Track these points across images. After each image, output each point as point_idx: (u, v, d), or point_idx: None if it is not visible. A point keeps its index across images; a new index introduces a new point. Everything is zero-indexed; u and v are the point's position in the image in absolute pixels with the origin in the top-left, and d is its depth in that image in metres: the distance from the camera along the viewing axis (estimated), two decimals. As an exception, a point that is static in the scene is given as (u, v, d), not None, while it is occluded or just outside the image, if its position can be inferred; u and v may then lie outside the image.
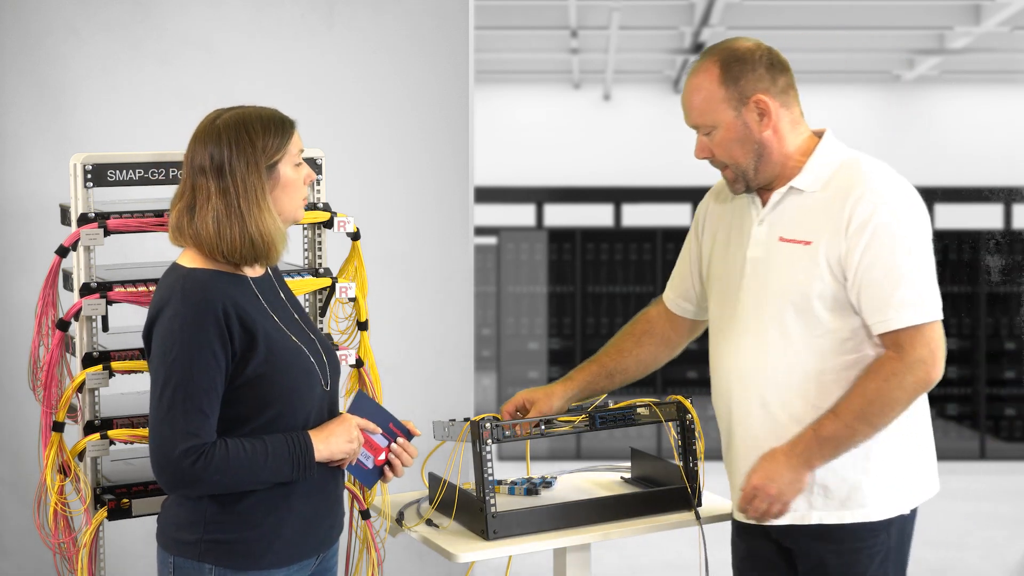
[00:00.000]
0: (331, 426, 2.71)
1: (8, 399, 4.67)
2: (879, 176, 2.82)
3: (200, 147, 2.64)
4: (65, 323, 3.02)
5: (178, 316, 2.55)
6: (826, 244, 2.79)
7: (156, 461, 2.55)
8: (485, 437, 3.00)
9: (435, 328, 5.06)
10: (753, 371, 2.88)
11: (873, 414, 2.74)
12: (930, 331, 2.75)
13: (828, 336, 2.80)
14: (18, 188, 4.73)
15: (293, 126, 2.70)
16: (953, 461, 8.95)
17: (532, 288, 9.63)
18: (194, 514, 2.63)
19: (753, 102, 2.83)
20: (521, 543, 3.00)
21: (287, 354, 2.66)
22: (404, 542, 4.26)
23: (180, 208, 2.67)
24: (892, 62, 13.36)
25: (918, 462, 2.88)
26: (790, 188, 2.87)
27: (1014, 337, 9.32)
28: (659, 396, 3.24)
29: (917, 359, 2.73)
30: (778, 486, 2.78)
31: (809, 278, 2.80)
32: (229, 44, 4.84)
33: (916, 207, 2.82)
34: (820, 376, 2.81)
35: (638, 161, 14.05)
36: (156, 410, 2.55)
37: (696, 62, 2.91)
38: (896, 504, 2.84)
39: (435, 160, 5.04)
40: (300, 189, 2.71)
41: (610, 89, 14.49)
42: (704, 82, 2.85)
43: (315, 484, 2.71)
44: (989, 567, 6.35)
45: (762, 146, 2.85)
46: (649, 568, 6.18)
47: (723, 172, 2.93)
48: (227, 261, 2.65)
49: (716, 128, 2.86)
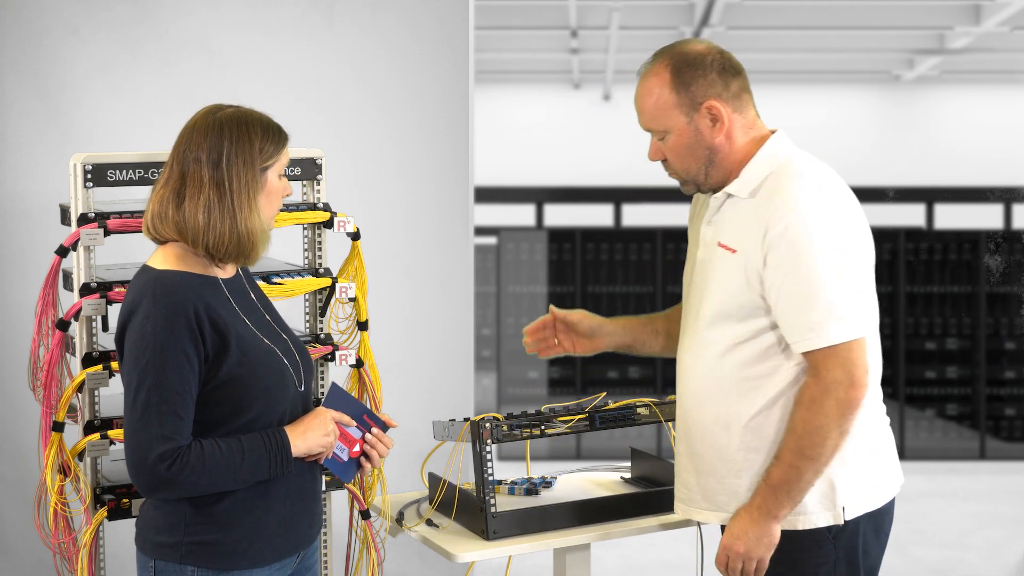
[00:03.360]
0: (306, 420, 2.70)
1: (8, 399, 4.67)
2: (800, 185, 2.74)
3: (199, 137, 2.61)
4: (65, 323, 3.02)
5: (150, 319, 2.52)
6: (747, 255, 2.75)
7: (132, 465, 2.53)
8: (485, 437, 3.01)
9: (435, 328, 5.06)
10: (688, 372, 2.89)
11: (806, 447, 2.69)
12: (846, 351, 2.68)
13: (749, 345, 2.77)
14: (18, 188, 4.73)
15: (287, 138, 2.70)
16: (953, 461, 8.95)
17: (532, 288, 9.62)
18: (173, 517, 2.62)
19: (705, 108, 2.79)
20: (521, 543, 3.00)
21: (259, 356, 2.65)
22: (404, 542, 4.27)
23: (165, 195, 2.63)
24: (892, 62, 13.36)
25: (859, 471, 2.80)
26: (727, 194, 2.85)
27: (1014, 337, 9.32)
28: (659, 396, 3.24)
29: (833, 381, 2.68)
30: (744, 544, 2.76)
31: (735, 287, 2.78)
32: (229, 44, 4.84)
33: (835, 217, 2.73)
34: (741, 383, 2.78)
35: (638, 161, 13.99)
36: (130, 414, 2.53)
37: (647, 64, 2.86)
38: (830, 513, 2.78)
39: (435, 160, 5.04)
40: (279, 200, 2.70)
41: (610, 89, 14.49)
42: (655, 86, 2.82)
43: (293, 482, 2.70)
44: (989, 567, 6.35)
45: (713, 151, 2.82)
46: (649, 568, 6.18)
47: (674, 176, 2.92)
48: (207, 255, 2.62)
49: (668, 133, 2.83)
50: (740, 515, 2.79)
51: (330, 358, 3.30)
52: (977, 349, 9.25)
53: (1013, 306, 9.35)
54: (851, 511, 2.80)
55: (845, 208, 2.77)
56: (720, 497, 2.85)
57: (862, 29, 10.70)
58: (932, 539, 6.60)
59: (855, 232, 2.77)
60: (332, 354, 3.29)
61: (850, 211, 2.77)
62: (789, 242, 2.69)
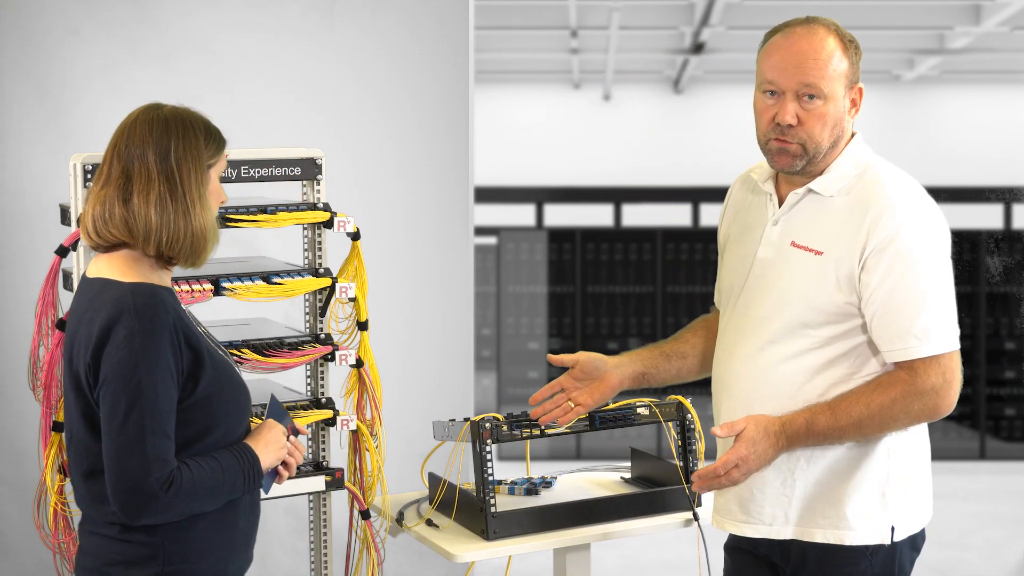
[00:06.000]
0: (263, 435, 2.61)
1: (8, 399, 4.67)
2: (901, 192, 2.69)
3: (142, 133, 2.50)
4: (65, 323, 3.02)
5: (136, 335, 2.39)
6: (838, 258, 2.67)
7: (124, 490, 2.38)
8: (485, 437, 3.00)
9: (435, 328, 5.06)
10: (743, 377, 2.78)
11: (869, 426, 2.65)
12: (947, 360, 2.65)
13: (824, 351, 2.70)
14: (18, 188, 4.73)
15: (226, 142, 2.61)
16: (953, 461, 8.95)
17: (532, 288, 9.62)
18: (144, 548, 2.47)
19: (858, 89, 2.73)
20: (521, 543, 3.00)
21: (226, 370, 2.57)
22: (404, 542, 4.27)
23: (107, 194, 2.49)
24: (892, 62, 13.36)
25: (910, 492, 2.75)
26: (808, 190, 2.74)
27: (1014, 337, 9.32)
28: (659, 396, 3.23)
29: (930, 387, 2.63)
30: (758, 464, 2.67)
31: (816, 290, 2.69)
32: (229, 44, 4.84)
33: (938, 227, 2.70)
34: (808, 391, 2.70)
35: (638, 161, 14.05)
36: (118, 436, 2.38)
37: (804, 26, 2.70)
38: (879, 532, 2.71)
39: (435, 160, 5.04)
40: (219, 202, 2.61)
41: (610, 89, 14.49)
42: (831, 47, 2.68)
43: (253, 498, 2.64)
44: (989, 567, 6.35)
45: (841, 134, 2.73)
46: (649, 568, 6.17)
47: (786, 145, 2.71)
48: (157, 257, 2.50)
49: (824, 99, 2.68)
50: (769, 437, 2.66)
51: (330, 358, 3.30)
52: (977, 349, 9.25)
53: (1013, 306, 9.35)
54: (899, 532, 2.73)
55: (942, 220, 2.73)
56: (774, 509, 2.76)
57: (862, 29, 10.67)
58: (932, 539, 6.56)
59: (949, 245, 2.74)
60: (332, 354, 3.29)
61: (945, 223, 2.73)
62: (896, 250, 2.63)
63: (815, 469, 2.72)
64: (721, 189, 3.56)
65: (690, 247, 9.58)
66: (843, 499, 2.71)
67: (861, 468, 2.71)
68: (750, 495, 2.78)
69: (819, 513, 2.73)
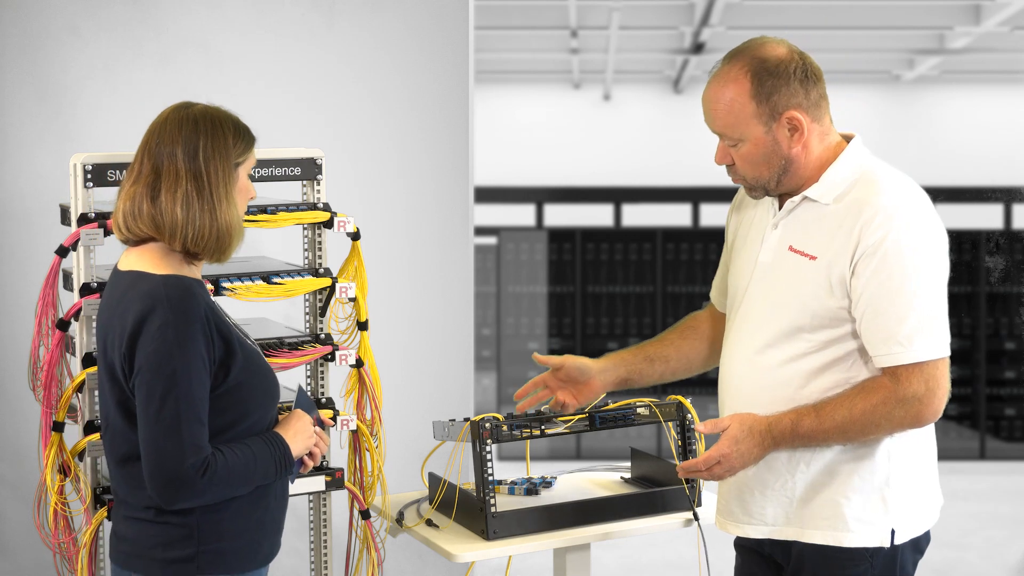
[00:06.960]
0: (292, 424, 2.70)
1: (8, 399, 4.67)
2: (894, 196, 2.66)
3: (172, 131, 2.58)
4: (65, 323, 3.02)
5: (169, 325, 2.48)
6: (831, 262, 2.66)
7: (162, 476, 2.47)
8: (485, 437, 3.00)
9: (435, 328, 5.06)
10: (744, 379, 2.79)
11: (852, 431, 2.64)
12: (932, 368, 2.63)
13: (820, 355, 2.70)
14: (18, 188, 4.73)
15: (255, 139, 2.68)
16: (953, 461, 8.95)
17: (532, 288, 9.63)
18: (181, 529, 2.57)
19: (786, 118, 2.67)
20: (521, 543, 3.00)
21: (256, 359, 2.65)
22: (404, 542, 4.26)
23: (137, 191, 2.57)
24: (892, 62, 13.36)
25: (912, 494, 2.74)
26: (804, 197, 2.74)
27: (1014, 337, 9.32)
28: (659, 396, 3.23)
29: (911, 395, 2.62)
30: (742, 463, 2.69)
31: (810, 295, 2.69)
32: (229, 44, 4.84)
33: (932, 231, 2.67)
34: (806, 395, 2.70)
35: (638, 161, 14.05)
36: (155, 424, 2.47)
37: (723, 65, 2.73)
38: (879, 535, 2.70)
39: (435, 160, 5.04)
40: (247, 200, 2.68)
41: (610, 89, 14.49)
42: (733, 93, 2.68)
43: (283, 485, 2.72)
44: (989, 567, 6.35)
45: (789, 162, 2.71)
46: (649, 568, 6.18)
47: (736, 180, 2.79)
48: (183, 252, 2.58)
49: (743, 142, 2.70)
50: (754, 436, 2.67)
51: (330, 358, 3.30)
52: (977, 349, 9.25)
53: (1013, 306, 9.35)
54: (900, 535, 2.72)
55: (937, 224, 2.70)
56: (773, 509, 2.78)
57: (862, 29, 10.69)
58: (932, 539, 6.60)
59: (944, 249, 2.71)
60: (332, 354, 3.29)
61: (940, 227, 2.70)
62: (884, 254, 2.61)
63: (815, 471, 2.73)
64: (721, 189, 3.57)
65: (690, 247, 9.58)
66: (842, 501, 2.71)
67: (860, 470, 2.71)
68: (751, 496, 2.79)
69: (818, 514, 2.73)
